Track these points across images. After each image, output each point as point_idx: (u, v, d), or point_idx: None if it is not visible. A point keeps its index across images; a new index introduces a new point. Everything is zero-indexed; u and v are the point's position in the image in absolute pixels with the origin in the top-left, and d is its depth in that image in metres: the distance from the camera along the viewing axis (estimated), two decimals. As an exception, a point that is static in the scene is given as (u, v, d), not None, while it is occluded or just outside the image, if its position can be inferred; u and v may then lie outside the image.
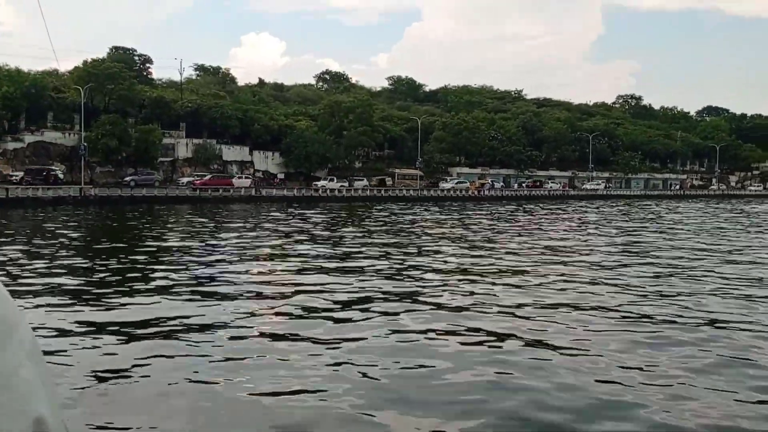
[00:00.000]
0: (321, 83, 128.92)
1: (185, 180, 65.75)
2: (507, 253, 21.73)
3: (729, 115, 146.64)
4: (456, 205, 62.06)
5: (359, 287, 14.31)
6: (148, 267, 17.78)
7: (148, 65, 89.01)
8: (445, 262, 19.41)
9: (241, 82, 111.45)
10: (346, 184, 74.17)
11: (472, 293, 13.77)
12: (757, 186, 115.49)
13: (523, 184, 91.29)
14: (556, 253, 21.95)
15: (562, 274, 16.67)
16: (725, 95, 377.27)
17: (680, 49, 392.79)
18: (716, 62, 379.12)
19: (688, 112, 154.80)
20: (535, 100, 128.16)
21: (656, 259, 20.33)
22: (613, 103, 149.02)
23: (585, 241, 27.44)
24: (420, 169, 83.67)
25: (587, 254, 22.05)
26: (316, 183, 73.56)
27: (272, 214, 43.83)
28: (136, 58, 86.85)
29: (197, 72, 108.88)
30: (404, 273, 16.78)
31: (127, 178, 61.22)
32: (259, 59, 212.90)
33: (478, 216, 44.61)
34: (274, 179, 75.52)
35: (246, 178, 69.78)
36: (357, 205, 59.57)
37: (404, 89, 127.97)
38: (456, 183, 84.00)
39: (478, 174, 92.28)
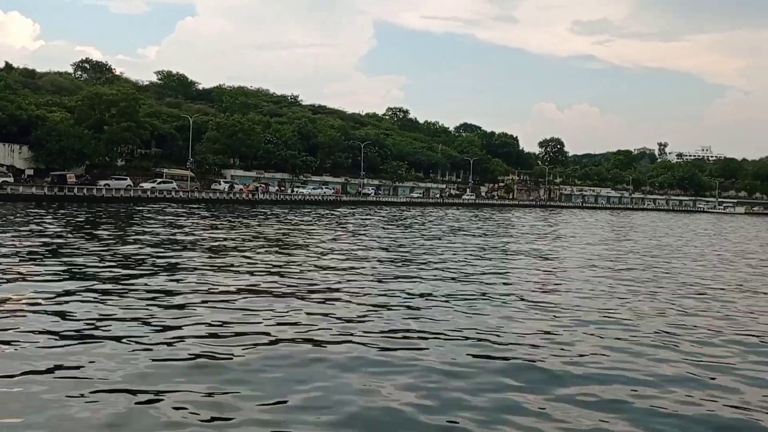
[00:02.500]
0: (80, 72, 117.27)
1: None
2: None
3: (481, 132, 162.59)
4: (225, 208, 60.03)
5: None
6: None
7: None
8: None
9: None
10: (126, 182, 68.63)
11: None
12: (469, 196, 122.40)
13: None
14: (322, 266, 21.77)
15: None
16: (478, 114, 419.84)
17: (442, 68, 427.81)
18: (471, 83, 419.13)
19: (448, 127, 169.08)
20: (311, 107, 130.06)
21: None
22: (384, 114, 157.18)
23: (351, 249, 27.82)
24: (191, 170, 79.83)
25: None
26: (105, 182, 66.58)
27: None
28: None
29: None
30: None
31: None
32: (7, 41, 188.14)
33: (252, 220, 43.43)
34: (21, 175, 66.59)
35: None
36: (115, 207, 54.30)
37: (175, 85, 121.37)
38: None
39: (253, 177, 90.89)
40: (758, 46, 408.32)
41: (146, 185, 70.08)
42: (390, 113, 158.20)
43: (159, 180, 74.38)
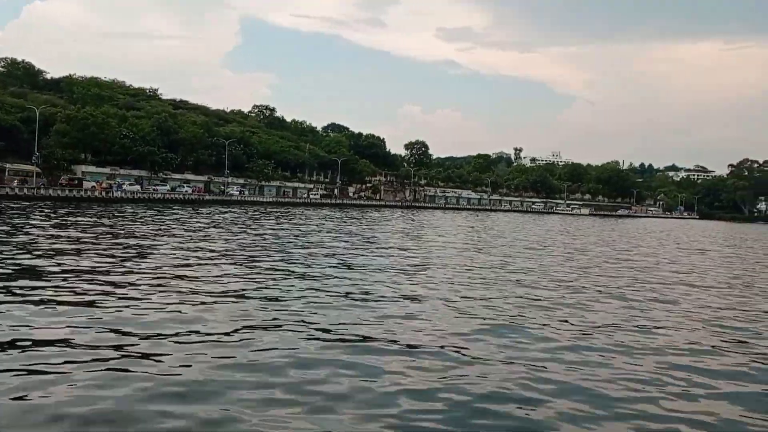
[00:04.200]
0: None
1: None
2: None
3: (349, 132, 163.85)
4: (72, 208, 56.04)
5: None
6: None
7: None
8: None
9: None
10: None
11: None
12: (316, 193, 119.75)
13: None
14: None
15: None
16: (346, 114, 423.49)
17: (311, 68, 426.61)
18: (340, 84, 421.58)
19: (316, 127, 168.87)
20: (171, 101, 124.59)
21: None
22: (250, 111, 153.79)
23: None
24: (37, 165, 73.76)
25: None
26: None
27: None
28: None
29: None
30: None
31: None
32: None
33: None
34: None
35: None
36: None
37: (20, 74, 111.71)
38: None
39: (107, 174, 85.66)
40: (603, 60, 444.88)
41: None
42: (256, 111, 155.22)
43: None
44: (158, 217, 45.99)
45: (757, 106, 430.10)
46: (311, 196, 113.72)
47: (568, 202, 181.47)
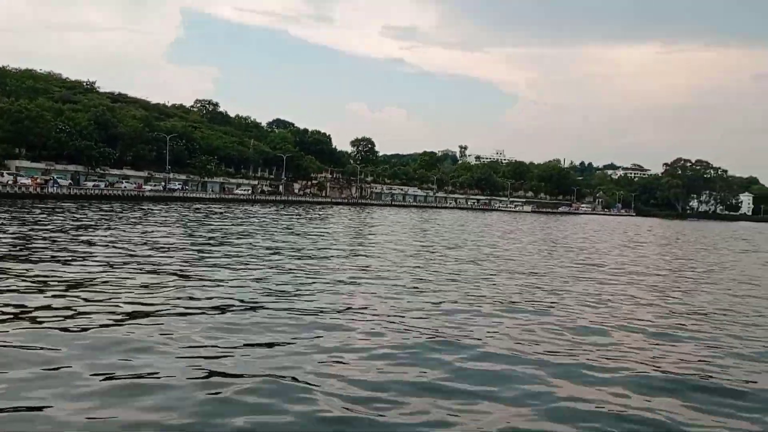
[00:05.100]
0: None
1: None
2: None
3: (294, 128, 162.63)
4: (6, 203, 54.03)
5: None
6: None
7: None
8: None
9: None
10: None
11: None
12: (245, 189, 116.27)
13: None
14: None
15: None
16: (292, 110, 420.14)
17: (256, 62, 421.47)
18: (285, 79, 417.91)
19: (260, 123, 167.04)
20: (110, 95, 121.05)
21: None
22: (192, 106, 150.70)
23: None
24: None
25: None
26: None
27: None
28: None
29: None
30: None
31: None
32: None
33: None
34: None
35: None
36: None
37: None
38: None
39: (42, 169, 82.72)
40: (546, 61, 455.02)
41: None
42: (199, 105, 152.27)
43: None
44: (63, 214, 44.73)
45: (690, 108, 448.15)
46: (239, 192, 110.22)
47: (511, 199, 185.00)
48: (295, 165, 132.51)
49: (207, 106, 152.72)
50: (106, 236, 26.97)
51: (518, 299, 15.50)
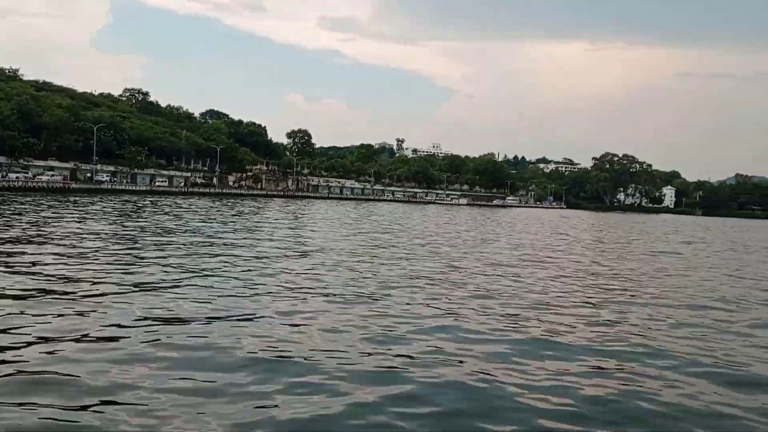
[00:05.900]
0: None
1: None
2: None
3: (228, 120, 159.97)
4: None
5: None
6: None
7: None
8: None
9: None
10: None
11: None
12: (164, 180, 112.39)
13: None
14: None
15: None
16: (225, 101, 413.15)
17: (188, 51, 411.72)
18: (218, 69, 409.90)
19: (193, 113, 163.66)
20: (34, 83, 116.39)
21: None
22: (120, 95, 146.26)
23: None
24: None
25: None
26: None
27: None
28: None
29: None
30: None
31: None
32: None
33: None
34: None
35: None
36: None
37: None
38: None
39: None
40: (481, 55, 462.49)
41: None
42: (128, 95, 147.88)
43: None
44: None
45: (617, 103, 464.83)
46: (157, 184, 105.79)
47: (447, 192, 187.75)
48: (229, 157, 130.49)
49: (137, 95, 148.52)
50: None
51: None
